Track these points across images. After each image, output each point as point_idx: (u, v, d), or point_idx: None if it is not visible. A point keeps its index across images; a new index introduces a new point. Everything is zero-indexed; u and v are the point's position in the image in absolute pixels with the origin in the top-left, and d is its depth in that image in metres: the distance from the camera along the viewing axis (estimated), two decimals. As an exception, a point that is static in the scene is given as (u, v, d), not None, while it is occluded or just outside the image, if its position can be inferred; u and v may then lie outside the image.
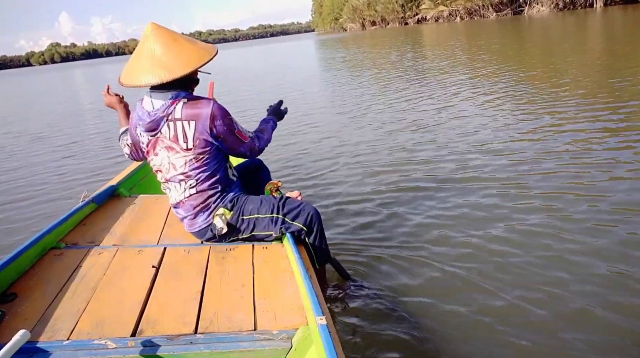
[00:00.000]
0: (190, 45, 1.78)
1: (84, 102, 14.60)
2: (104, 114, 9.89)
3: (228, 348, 1.28)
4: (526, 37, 16.99)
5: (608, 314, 1.82)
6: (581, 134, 4.07)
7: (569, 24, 19.89)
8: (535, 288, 2.02)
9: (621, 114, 4.60)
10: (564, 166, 3.34)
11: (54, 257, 1.80)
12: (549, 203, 2.77)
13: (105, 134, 7.65)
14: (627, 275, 2.03)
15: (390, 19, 57.03)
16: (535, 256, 2.26)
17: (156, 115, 1.78)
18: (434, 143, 4.44)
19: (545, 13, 32.44)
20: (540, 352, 1.68)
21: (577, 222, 2.51)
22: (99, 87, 16.28)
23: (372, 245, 2.57)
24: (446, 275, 2.21)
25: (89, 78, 31.33)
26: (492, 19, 36.93)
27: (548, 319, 1.83)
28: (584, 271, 2.10)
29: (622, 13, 21.39)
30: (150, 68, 1.73)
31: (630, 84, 5.80)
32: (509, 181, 3.21)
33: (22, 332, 1.21)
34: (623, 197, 2.74)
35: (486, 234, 2.52)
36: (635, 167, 3.16)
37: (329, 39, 47.80)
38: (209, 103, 1.78)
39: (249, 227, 1.90)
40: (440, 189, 3.24)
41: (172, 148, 1.81)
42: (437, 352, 1.73)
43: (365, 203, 3.18)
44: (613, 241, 2.29)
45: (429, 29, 35.46)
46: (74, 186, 4.69)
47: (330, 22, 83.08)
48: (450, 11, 44.02)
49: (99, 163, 5.65)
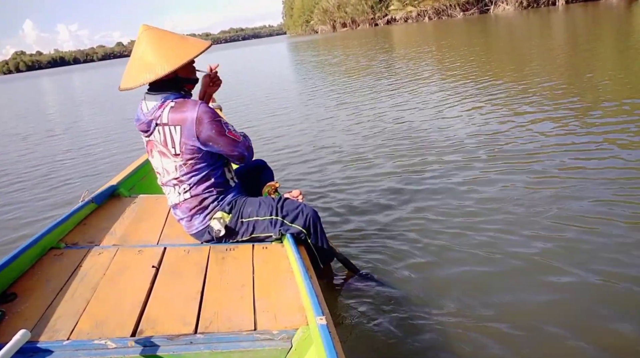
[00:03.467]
0: (176, 43, 1.72)
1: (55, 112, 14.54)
2: (103, 114, 9.89)
3: (228, 348, 1.28)
4: (493, 35, 17.45)
5: (615, 317, 1.82)
6: (547, 125, 4.32)
7: (534, 22, 20.54)
8: (545, 286, 2.02)
9: (581, 105, 4.85)
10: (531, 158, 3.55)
11: (54, 257, 1.80)
12: (556, 198, 2.77)
13: (106, 134, 7.66)
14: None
15: (361, 21, 57.53)
16: (543, 251, 2.26)
17: (146, 118, 1.78)
18: (413, 140, 4.53)
19: (510, 11, 33.23)
20: (545, 349, 1.69)
21: (583, 221, 2.52)
22: (69, 95, 16.59)
23: (371, 245, 2.57)
24: (448, 274, 2.20)
25: (59, 86, 30.65)
26: (459, 18, 37.66)
27: (555, 317, 1.83)
28: (590, 268, 2.10)
29: (583, 10, 22.17)
30: (138, 70, 1.71)
31: (592, 78, 6.16)
32: (509, 177, 3.22)
33: (22, 331, 1.21)
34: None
35: (487, 233, 2.52)
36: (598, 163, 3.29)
37: (301, 41, 47.97)
38: (194, 106, 1.71)
39: (249, 230, 1.90)
40: (434, 188, 3.24)
41: (163, 153, 1.81)
42: (438, 352, 1.73)
43: (360, 200, 3.19)
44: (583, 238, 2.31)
45: (399, 29, 36.02)
46: (74, 186, 4.69)
47: (302, 24, 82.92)
48: (418, 11, 44.77)
49: (99, 163, 5.65)
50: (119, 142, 6.80)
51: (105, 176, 4.64)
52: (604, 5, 23.54)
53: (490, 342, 1.75)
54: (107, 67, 62.32)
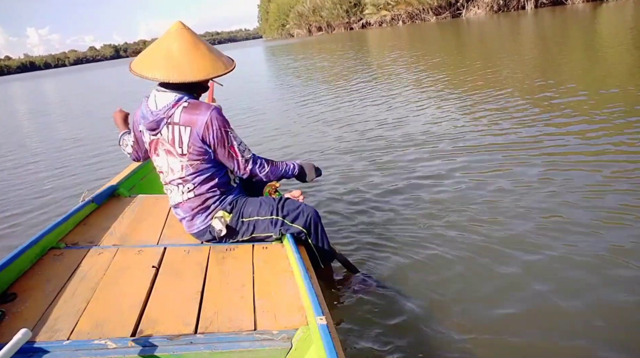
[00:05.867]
0: (209, 54, 1.76)
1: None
2: (103, 114, 9.88)
3: (228, 348, 1.28)
4: (466, 39, 17.88)
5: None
6: (524, 123, 4.54)
7: (504, 26, 21.13)
8: (546, 287, 2.02)
9: (548, 103, 5.13)
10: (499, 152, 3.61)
11: (54, 257, 1.80)
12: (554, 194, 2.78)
13: (106, 135, 7.65)
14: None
15: (336, 25, 57.55)
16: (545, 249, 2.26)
17: (157, 115, 1.77)
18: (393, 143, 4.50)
19: (481, 15, 33.83)
20: (548, 348, 1.69)
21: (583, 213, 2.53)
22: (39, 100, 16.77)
23: (370, 246, 2.57)
24: (447, 275, 2.20)
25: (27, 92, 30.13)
26: (432, 22, 38.35)
27: (559, 314, 1.83)
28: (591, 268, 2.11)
29: (551, 14, 22.80)
30: (163, 64, 1.71)
31: (560, 76, 6.58)
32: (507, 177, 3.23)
33: (23, 330, 1.21)
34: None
35: (488, 234, 2.52)
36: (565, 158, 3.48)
37: (277, 45, 48.13)
38: (207, 110, 1.73)
39: (249, 229, 1.90)
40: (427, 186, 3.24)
41: (170, 152, 1.81)
42: (437, 352, 1.73)
43: (358, 200, 3.19)
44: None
45: (374, 33, 36.48)
46: (74, 186, 4.69)
47: (277, 28, 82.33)
48: (392, 15, 44.97)
49: (98, 163, 5.65)
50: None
51: (105, 176, 4.64)
52: (570, 9, 24.40)
53: (490, 340, 1.75)
54: (82, 72, 61.30)
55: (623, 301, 1.88)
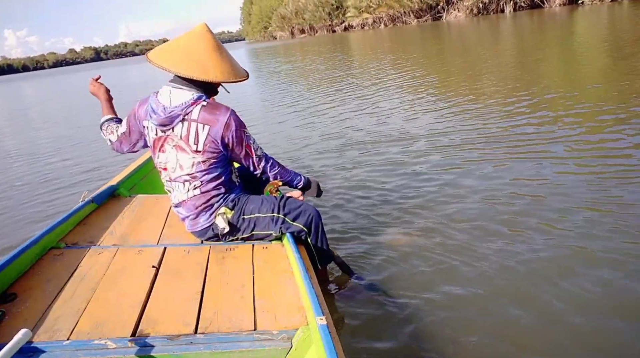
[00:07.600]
0: (229, 60, 1.83)
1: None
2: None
3: (228, 348, 1.28)
4: (447, 41, 18.08)
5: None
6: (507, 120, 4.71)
7: (484, 28, 21.54)
8: (547, 287, 2.02)
9: (529, 102, 5.34)
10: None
11: (54, 257, 1.80)
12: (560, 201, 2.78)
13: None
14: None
15: (319, 27, 57.92)
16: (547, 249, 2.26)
17: (173, 112, 1.77)
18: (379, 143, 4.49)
19: (461, 18, 34.25)
20: (548, 348, 1.69)
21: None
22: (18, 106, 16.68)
23: (369, 246, 2.57)
24: (446, 276, 2.20)
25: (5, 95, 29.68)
26: (413, 25, 38.75)
27: (560, 314, 1.84)
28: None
29: (529, 17, 23.25)
30: (186, 60, 1.74)
31: (538, 75, 6.95)
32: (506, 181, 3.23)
33: (23, 330, 1.21)
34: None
35: (486, 235, 2.53)
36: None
37: (260, 47, 48.32)
38: (227, 112, 1.80)
39: (250, 226, 1.90)
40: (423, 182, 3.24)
41: (181, 148, 1.81)
42: (437, 352, 1.73)
43: (357, 198, 3.19)
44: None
45: (356, 36, 36.75)
46: (74, 186, 4.69)
47: (260, 30, 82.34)
48: (374, 18, 45.34)
49: (98, 163, 5.65)
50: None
51: (105, 176, 4.64)
52: (547, 12, 24.83)
53: (489, 341, 1.75)
54: (64, 75, 60.81)
55: (623, 301, 1.88)
